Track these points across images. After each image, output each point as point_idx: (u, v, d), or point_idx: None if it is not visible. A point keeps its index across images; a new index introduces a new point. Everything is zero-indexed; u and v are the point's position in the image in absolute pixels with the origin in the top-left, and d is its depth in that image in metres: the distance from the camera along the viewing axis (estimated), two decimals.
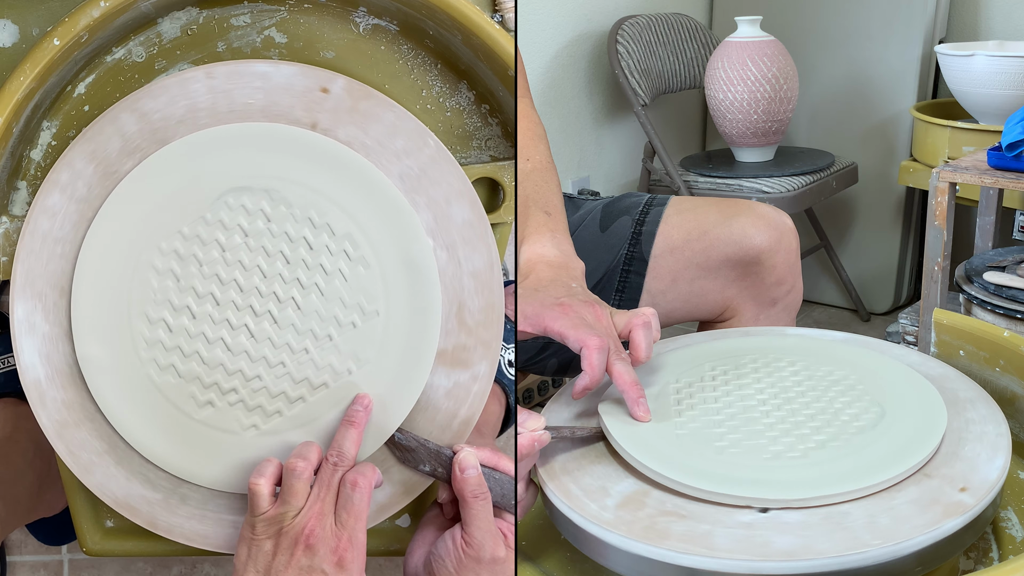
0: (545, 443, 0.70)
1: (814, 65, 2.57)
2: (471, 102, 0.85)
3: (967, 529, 0.62)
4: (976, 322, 0.85)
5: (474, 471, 0.77)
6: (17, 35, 0.81)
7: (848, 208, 2.64)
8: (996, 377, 0.83)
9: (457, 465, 0.78)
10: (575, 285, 0.86)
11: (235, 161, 0.78)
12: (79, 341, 0.78)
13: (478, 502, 0.76)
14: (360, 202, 0.78)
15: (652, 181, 2.40)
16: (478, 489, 0.76)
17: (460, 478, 0.77)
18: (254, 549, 0.75)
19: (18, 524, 1.05)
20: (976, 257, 1.85)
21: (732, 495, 0.64)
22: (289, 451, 0.78)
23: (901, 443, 0.68)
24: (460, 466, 0.78)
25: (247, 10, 0.82)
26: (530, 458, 0.70)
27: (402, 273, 0.79)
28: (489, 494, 0.77)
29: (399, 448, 0.81)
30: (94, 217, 0.78)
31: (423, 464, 0.81)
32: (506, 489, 0.78)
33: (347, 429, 0.79)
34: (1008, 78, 2.03)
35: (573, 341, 0.77)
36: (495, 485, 0.78)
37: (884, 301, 2.64)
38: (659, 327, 0.81)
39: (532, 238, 0.94)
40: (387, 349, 0.80)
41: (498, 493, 0.78)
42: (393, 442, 0.81)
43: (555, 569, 0.73)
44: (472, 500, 0.76)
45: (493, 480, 0.78)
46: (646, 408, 0.75)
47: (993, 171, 1.70)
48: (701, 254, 1.14)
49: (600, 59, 2.37)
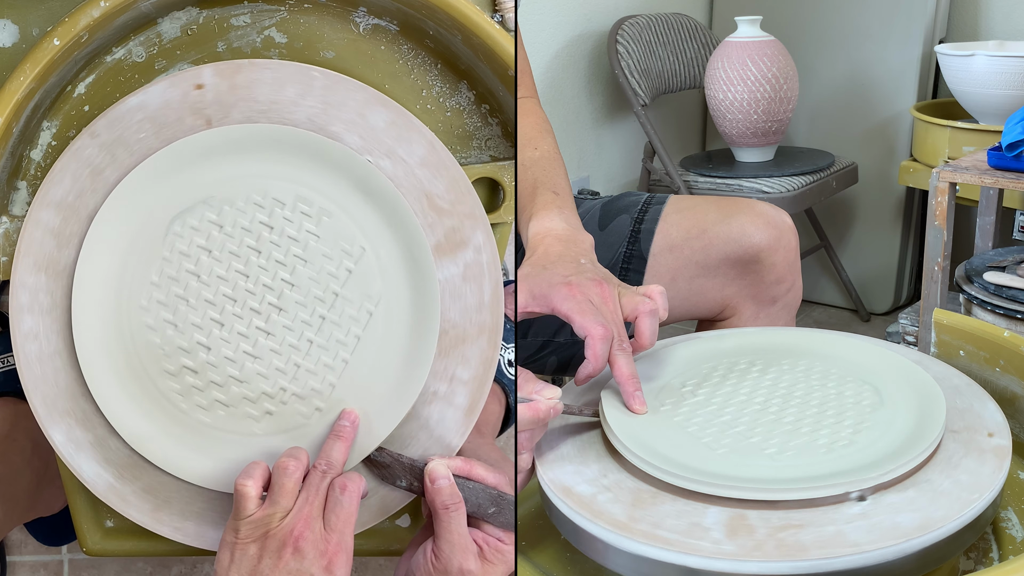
0: (559, 413, 0.70)
1: (814, 65, 2.57)
2: (471, 102, 0.85)
3: (967, 529, 0.62)
4: (976, 322, 0.85)
5: (445, 481, 0.77)
6: (17, 35, 0.81)
7: (848, 208, 2.63)
8: (996, 377, 0.83)
9: (428, 476, 0.77)
10: (584, 260, 0.86)
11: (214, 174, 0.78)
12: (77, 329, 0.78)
13: (448, 513, 0.75)
14: (372, 217, 0.79)
15: (652, 181, 2.40)
16: (449, 500, 0.76)
17: (431, 489, 0.77)
18: (238, 553, 0.73)
19: (17, 523, 1.05)
20: (976, 257, 1.85)
21: (731, 494, 0.64)
22: (275, 459, 0.78)
23: (905, 434, 0.68)
24: (431, 477, 0.77)
25: (247, 10, 0.82)
26: (540, 429, 0.70)
27: (405, 294, 0.79)
28: (463, 504, 0.76)
29: (376, 466, 0.81)
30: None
31: (399, 480, 0.80)
32: (481, 499, 0.77)
33: (335, 441, 0.78)
34: (1008, 78, 2.03)
35: (578, 327, 0.77)
36: (470, 495, 0.77)
37: (884, 301, 2.63)
38: (666, 305, 0.81)
39: (540, 214, 0.94)
40: (380, 368, 0.80)
41: (473, 503, 0.77)
42: (370, 460, 0.81)
43: (555, 569, 0.73)
44: (443, 511, 0.76)
45: (468, 490, 0.77)
46: (642, 401, 0.75)
47: (993, 171, 1.70)
48: (700, 252, 1.14)
49: (600, 59, 2.36)
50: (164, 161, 0.78)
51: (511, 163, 0.85)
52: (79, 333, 0.78)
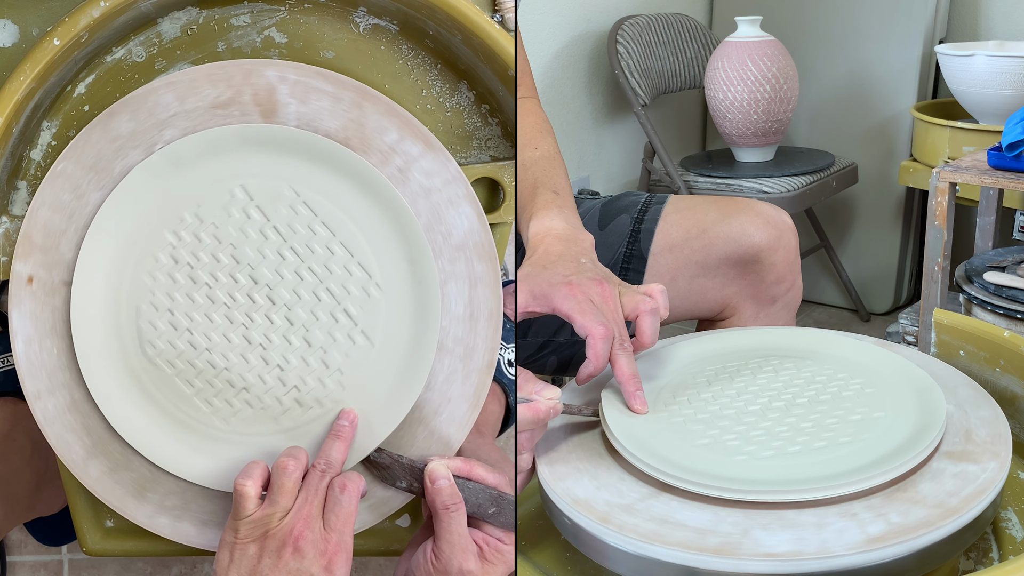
0: (559, 413, 0.70)
1: (814, 65, 2.57)
2: (471, 102, 0.85)
3: (967, 529, 0.62)
4: (976, 322, 0.85)
5: (445, 481, 0.77)
6: (17, 35, 0.81)
7: (848, 208, 2.63)
8: (996, 377, 0.83)
9: (428, 476, 0.77)
10: (584, 260, 0.86)
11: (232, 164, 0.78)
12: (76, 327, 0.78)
13: (449, 513, 0.75)
14: (372, 218, 0.79)
15: (652, 181, 2.40)
16: (450, 500, 0.76)
17: (431, 489, 0.77)
18: (237, 553, 0.73)
19: (16, 523, 1.05)
20: (976, 257, 1.85)
21: (730, 495, 0.64)
22: (274, 458, 0.78)
23: (905, 436, 0.68)
24: (431, 477, 0.77)
25: (247, 10, 0.82)
26: (540, 429, 0.70)
27: (407, 297, 0.79)
28: (463, 504, 0.76)
29: (376, 467, 0.81)
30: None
31: (400, 481, 0.80)
32: (481, 499, 0.77)
33: (334, 440, 0.78)
34: (1008, 78, 2.03)
35: (579, 326, 0.77)
36: (469, 495, 0.77)
37: (884, 301, 2.63)
38: (667, 304, 0.81)
39: (540, 213, 0.94)
40: (380, 370, 0.80)
41: (473, 503, 0.77)
42: (369, 461, 0.81)
43: (555, 569, 0.73)
44: (443, 511, 0.76)
45: (468, 490, 0.77)
46: (643, 401, 0.75)
47: (993, 171, 1.70)
48: (700, 252, 1.14)
49: (600, 59, 2.36)
50: (163, 161, 0.78)
51: (511, 163, 0.85)
52: (79, 333, 0.78)
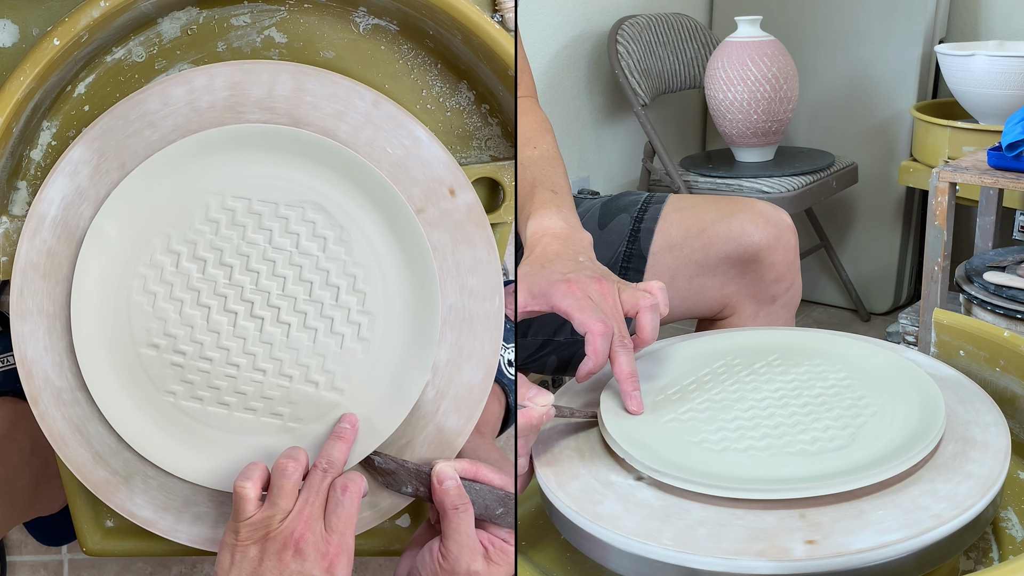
0: (552, 418, 0.70)
1: (814, 65, 2.57)
2: (471, 102, 0.85)
3: (967, 529, 0.62)
4: (976, 322, 0.85)
5: (452, 482, 0.77)
6: (17, 35, 0.81)
7: (848, 208, 2.63)
8: (996, 377, 0.83)
9: (435, 477, 0.77)
10: (582, 258, 0.86)
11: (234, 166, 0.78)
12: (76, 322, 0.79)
13: (458, 514, 0.75)
14: (373, 219, 0.79)
15: (652, 181, 2.40)
16: (458, 500, 0.76)
17: (439, 490, 0.77)
18: (238, 555, 0.73)
19: (16, 522, 1.05)
20: (976, 257, 1.85)
21: (729, 495, 0.64)
22: (275, 459, 0.77)
23: (904, 436, 0.68)
24: (438, 478, 0.77)
25: (247, 10, 0.82)
26: (533, 434, 0.70)
27: (407, 296, 0.79)
28: (470, 505, 0.76)
29: (380, 472, 0.81)
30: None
31: (405, 486, 0.80)
32: (488, 500, 0.77)
33: (335, 441, 0.78)
34: (1008, 78, 2.03)
35: (578, 324, 0.77)
36: (476, 497, 0.77)
37: (884, 301, 2.63)
38: (667, 301, 0.81)
39: (538, 212, 0.94)
40: (378, 371, 0.80)
41: (481, 505, 0.77)
42: (373, 467, 0.81)
43: (555, 569, 0.73)
44: (452, 512, 0.76)
45: (474, 492, 0.77)
46: (639, 401, 0.75)
47: (993, 171, 1.70)
48: (700, 251, 1.14)
49: (600, 59, 2.36)
50: (163, 160, 0.78)
51: (511, 163, 0.85)
52: (79, 333, 0.78)
